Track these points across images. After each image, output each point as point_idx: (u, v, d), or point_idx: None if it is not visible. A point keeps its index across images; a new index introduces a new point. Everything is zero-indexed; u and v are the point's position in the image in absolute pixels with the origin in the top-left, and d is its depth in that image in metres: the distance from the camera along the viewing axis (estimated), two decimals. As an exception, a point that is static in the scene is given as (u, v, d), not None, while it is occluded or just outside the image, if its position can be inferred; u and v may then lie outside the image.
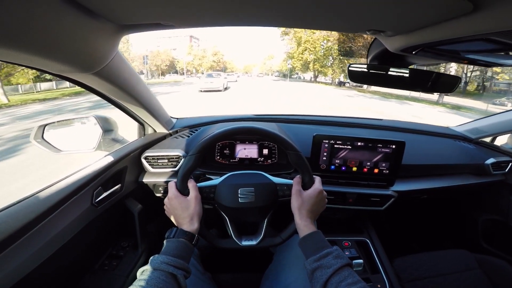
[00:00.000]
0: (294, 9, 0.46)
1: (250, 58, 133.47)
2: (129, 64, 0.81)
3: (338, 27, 0.60)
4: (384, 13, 0.45)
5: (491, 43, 0.47)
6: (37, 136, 0.91)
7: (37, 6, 0.37)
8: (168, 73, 54.97)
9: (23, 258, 0.59)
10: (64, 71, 0.60)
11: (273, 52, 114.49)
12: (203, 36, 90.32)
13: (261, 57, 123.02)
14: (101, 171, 0.87)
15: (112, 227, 1.01)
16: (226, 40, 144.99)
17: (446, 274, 1.03)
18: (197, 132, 1.24)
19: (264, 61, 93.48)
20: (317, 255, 0.56)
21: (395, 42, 0.59)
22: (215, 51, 61.42)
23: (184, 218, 0.63)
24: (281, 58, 74.86)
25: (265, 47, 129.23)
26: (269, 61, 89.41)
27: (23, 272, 0.59)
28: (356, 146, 1.05)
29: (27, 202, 0.66)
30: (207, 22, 0.56)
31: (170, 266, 0.52)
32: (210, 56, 60.27)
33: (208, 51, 61.59)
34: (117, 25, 0.54)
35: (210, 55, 60.36)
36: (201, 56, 59.97)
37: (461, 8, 0.38)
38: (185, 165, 0.67)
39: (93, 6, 0.43)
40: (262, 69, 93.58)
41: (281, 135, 0.71)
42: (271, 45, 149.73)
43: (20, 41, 0.40)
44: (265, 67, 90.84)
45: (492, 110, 14.24)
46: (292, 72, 48.54)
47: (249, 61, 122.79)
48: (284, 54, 42.90)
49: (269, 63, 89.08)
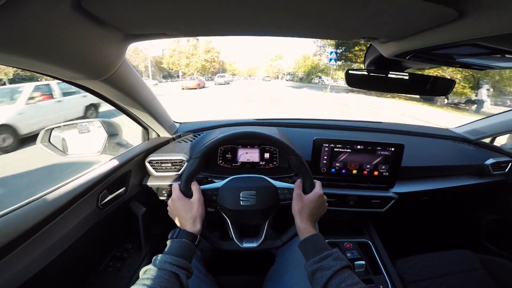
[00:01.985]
0: (293, 19, 0.49)
1: (254, 60, 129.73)
2: (135, 71, 0.84)
3: (333, 35, 0.63)
4: (375, 22, 0.47)
5: (478, 48, 0.49)
6: (44, 139, 0.93)
7: (50, 15, 0.40)
8: (146, 78, 36.93)
9: (31, 258, 0.61)
10: (75, 78, 0.63)
11: (281, 52, 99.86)
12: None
13: (267, 58, 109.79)
14: (107, 174, 0.90)
15: (116, 229, 1.02)
16: (228, 41, 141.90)
17: (449, 274, 1.03)
18: (200, 136, 1.26)
19: (270, 62, 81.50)
20: (317, 257, 0.57)
21: (389, 48, 0.62)
22: (209, 47, 45.77)
23: (187, 219, 0.65)
24: (292, 57, 63.13)
25: (271, 48, 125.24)
26: (276, 62, 77.83)
27: (30, 272, 0.61)
28: (356, 149, 1.07)
29: (35, 204, 0.68)
30: (211, 32, 0.59)
31: (173, 265, 0.53)
32: (202, 54, 45.33)
33: (200, 47, 45.54)
34: (125, 34, 0.57)
35: (202, 53, 45.51)
36: (190, 54, 44.62)
37: (447, 15, 0.40)
38: (189, 168, 0.69)
39: (103, 16, 0.46)
40: (268, 71, 79.97)
41: (283, 140, 0.73)
42: (279, 44, 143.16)
43: (34, 49, 0.43)
44: (272, 69, 78.60)
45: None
46: (312, 75, 40.20)
47: (253, 63, 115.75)
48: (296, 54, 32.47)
49: (277, 64, 77.51)
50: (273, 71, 76.91)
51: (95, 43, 0.53)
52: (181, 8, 0.43)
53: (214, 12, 0.45)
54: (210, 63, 46.36)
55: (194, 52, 45.17)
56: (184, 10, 0.44)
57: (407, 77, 0.79)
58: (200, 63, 44.79)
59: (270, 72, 76.92)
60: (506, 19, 0.37)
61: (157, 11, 0.45)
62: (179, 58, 44.27)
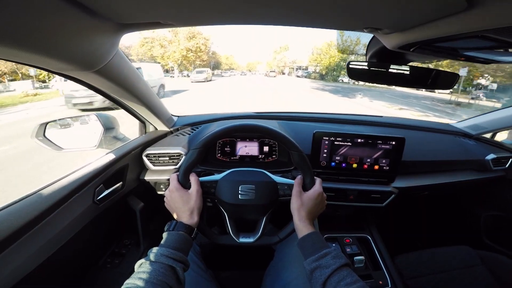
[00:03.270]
0: (292, 7, 0.47)
1: (255, 55, 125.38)
2: (129, 62, 0.81)
3: (335, 25, 0.61)
4: (380, 11, 0.45)
5: (486, 40, 0.47)
6: (39, 134, 0.91)
7: (38, 5, 0.38)
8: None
9: (27, 255, 0.60)
10: (65, 70, 0.61)
11: (287, 43, 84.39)
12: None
13: (269, 51, 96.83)
14: (103, 169, 0.88)
15: (114, 225, 1.02)
16: (225, 33, 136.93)
17: (449, 270, 1.03)
18: (198, 129, 1.25)
19: (274, 55, 68.23)
20: (315, 255, 0.57)
21: (392, 40, 0.60)
22: (193, 33, 32.99)
23: (184, 211, 0.64)
24: (300, 49, 49.66)
25: (272, 42, 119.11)
26: (280, 55, 63.88)
27: (27, 268, 0.60)
28: (356, 142, 1.05)
29: (30, 200, 0.67)
30: (207, 21, 0.57)
31: (170, 258, 0.52)
32: (183, 41, 32.51)
33: (182, 32, 32.34)
34: (117, 24, 0.55)
35: (184, 40, 32.63)
36: (168, 41, 32.53)
37: (456, 5, 0.38)
38: (188, 159, 0.68)
39: (93, 5, 0.44)
40: (271, 65, 67.46)
41: (285, 135, 0.72)
42: (282, 35, 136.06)
43: (21, 39, 0.41)
44: (276, 63, 65.07)
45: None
46: (335, 72, 30.51)
47: (253, 57, 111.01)
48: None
49: (281, 57, 63.34)
50: (278, 65, 64.20)
51: (85, 33, 0.51)
52: None
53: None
54: (195, 53, 34.32)
55: (173, 39, 33.25)
56: None
57: (408, 71, 0.77)
58: (180, 53, 32.90)
59: (273, 66, 63.85)
60: None
61: None
62: (151, 47, 32.71)
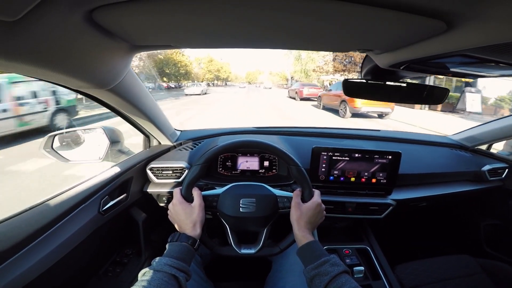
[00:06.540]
0: (292, 33, 0.51)
1: (256, 64, 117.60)
2: (139, 80, 0.86)
3: (331, 47, 0.66)
4: (369, 35, 0.50)
5: (469, 58, 0.51)
6: (47, 145, 0.94)
7: (63, 27, 0.42)
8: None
9: (33, 262, 0.62)
10: (83, 87, 0.66)
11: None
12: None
13: (273, 57, 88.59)
14: (109, 181, 0.91)
15: (117, 235, 1.03)
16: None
17: (449, 279, 1.03)
18: (200, 144, 1.28)
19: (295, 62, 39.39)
20: (314, 263, 0.58)
21: (383, 59, 0.64)
22: (210, 57, 45.75)
23: (187, 223, 0.66)
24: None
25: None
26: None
27: (31, 276, 0.62)
28: (354, 157, 1.08)
29: (39, 209, 0.69)
30: (216, 44, 0.62)
31: (173, 268, 0.54)
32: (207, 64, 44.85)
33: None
34: (131, 45, 0.60)
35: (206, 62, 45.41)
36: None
37: (436, 28, 0.42)
38: (191, 174, 0.71)
39: (112, 28, 0.49)
40: (278, 78, 57.47)
41: (284, 150, 0.75)
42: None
43: (45, 59, 0.45)
44: (298, 67, 37.86)
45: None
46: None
47: (254, 67, 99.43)
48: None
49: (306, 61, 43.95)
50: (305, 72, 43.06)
51: (103, 54, 0.55)
52: (188, 22, 0.45)
53: (218, 25, 0.47)
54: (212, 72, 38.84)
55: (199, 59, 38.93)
56: (191, 23, 0.46)
57: (402, 87, 0.81)
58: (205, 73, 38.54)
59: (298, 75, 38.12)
60: (490, 31, 0.39)
61: (164, 24, 0.47)
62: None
